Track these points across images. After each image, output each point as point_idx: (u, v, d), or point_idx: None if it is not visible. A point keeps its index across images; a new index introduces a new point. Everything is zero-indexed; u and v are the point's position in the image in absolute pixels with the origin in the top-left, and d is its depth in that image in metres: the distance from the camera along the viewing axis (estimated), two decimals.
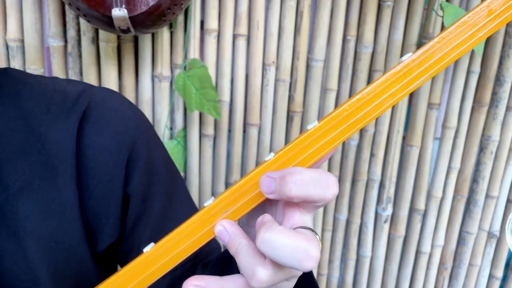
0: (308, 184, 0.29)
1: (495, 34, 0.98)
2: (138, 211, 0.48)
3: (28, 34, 0.81)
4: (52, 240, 0.43)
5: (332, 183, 0.29)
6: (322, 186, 0.29)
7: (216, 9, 0.87)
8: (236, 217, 0.31)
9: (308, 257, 0.27)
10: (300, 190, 0.29)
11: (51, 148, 0.43)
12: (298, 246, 0.27)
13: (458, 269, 1.18)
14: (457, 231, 1.15)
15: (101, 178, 0.45)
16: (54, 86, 0.46)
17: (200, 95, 0.86)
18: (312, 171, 0.29)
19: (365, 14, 0.93)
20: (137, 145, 0.47)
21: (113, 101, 0.48)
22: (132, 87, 0.89)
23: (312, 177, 0.29)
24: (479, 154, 1.08)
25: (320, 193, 0.29)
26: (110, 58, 0.85)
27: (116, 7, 0.70)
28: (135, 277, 0.31)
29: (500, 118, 1.04)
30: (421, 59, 0.28)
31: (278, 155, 0.30)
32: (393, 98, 0.29)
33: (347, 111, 0.29)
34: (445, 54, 0.28)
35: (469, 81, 1.01)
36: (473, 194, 1.11)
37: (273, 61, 0.93)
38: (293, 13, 0.90)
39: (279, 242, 0.27)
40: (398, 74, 0.28)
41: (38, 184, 0.42)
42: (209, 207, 0.31)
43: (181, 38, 0.87)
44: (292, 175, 0.29)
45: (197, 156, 0.95)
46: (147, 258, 0.31)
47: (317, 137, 0.30)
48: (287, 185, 0.29)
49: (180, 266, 0.49)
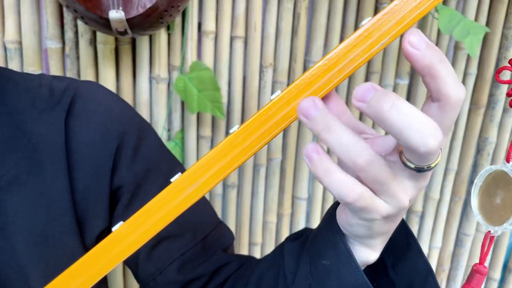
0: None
1: (491, 36, 0.98)
2: (131, 198, 0.48)
3: (26, 36, 0.81)
4: (41, 235, 0.43)
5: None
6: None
7: (214, 11, 0.88)
8: (203, 191, 0.31)
9: (434, 135, 0.25)
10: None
11: (37, 142, 0.43)
12: (428, 122, 0.25)
13: (455, 271, 1.18)
14: (454, 233, 1.15)
15: (86, 170, 0.45)
16: (40, 82, 0.47)
17: (203, 96, 0.86)
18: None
19: (362, 16, 0.93)
20: (126, 135, 0.47)
21: (97, 94, 0.48)
22: (129, 89, 0.89)
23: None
24: (476, 156, 1.09)
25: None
26: (108, 60, 0.85)
27: (113, 9, 0.70)
28: (106, 256, 0.31)
29: (497, 120, 1.04)
30: (380, 22, 0.28)
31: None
32: (355, 62, 0.29)
33: (309, 78, 0.29)
34: (404, 16, 0.28)
35: (466, 83, 1.02)
36: (470, 195, 1.11)
37: (271, 62, 0.93)
38: (290, 15, 0.91)
39: (411, 111, 0.25)
40: (359, 38, 0.28)
41: (25, 178, 0.42)
42: (175, 182, 0.31)
43: (179, 40, 0.87)
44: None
45: (195, 157, 0.95)
46: (116, 236, 0.31)
47: (279, 107, 0.29)
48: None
49: (189, 249, 0.50)
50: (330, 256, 0.33)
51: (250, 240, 1.05)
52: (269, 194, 1.02)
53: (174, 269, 0.49)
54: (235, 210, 1.03)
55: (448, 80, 0.26)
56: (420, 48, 0.26)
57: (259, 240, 1.05)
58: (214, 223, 0.53)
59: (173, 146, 0.93)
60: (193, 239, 0.50)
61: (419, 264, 0.35)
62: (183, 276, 0.49)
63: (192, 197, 0.31)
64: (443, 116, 0.27)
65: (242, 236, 1.04)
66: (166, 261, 0.49)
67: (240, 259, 0.51)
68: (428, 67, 0.26)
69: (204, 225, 0.52)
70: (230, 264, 0.51)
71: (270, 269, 0.41)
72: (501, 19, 0.98)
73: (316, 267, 0.34)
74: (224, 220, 1.02)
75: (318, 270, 0.34)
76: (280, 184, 1.02)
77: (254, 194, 1.02)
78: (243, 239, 1.04)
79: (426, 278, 0.35)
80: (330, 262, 0.33)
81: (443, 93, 0.26)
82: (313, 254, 0.35)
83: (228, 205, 1.02)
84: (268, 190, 1.02)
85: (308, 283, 0.34)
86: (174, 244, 0.49)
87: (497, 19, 0.98)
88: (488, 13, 0.98)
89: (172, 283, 0.49)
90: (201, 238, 0.51)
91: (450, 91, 0.26)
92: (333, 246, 0.33)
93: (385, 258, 0.37)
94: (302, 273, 0.35)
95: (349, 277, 0.32)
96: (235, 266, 0.51)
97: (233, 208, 1.02)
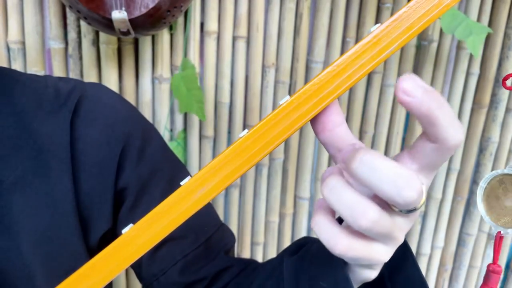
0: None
1: (494, 36, 0.98)
2: (136, 200, 0.48)
3: (29, 36, 0.81)
4: (46, 235, 0.43)
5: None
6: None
7: (216, 11, 0.88)
8: (212, 195, 0.31)
9: (409, 186, 0.24)
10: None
11: (43, 143, 0.43)
12: (400, 173, 0.25)
13: (458, 271, 1.18)
14: (457, 233, 1.15)
15: (91, 171, 0.45)
16: (46, 83, 0.47)
17: (190, 96, 0.86)
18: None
19: (364, 16, 0.93)
20: (131, 137, 0.48)
21: (103, 95, 0.48)
22: (132, 89, 0.89)
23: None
24: (479, 155, 1.08)
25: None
26: (110, 60, 0.85)
27: (116, 9, 0.70)
28: (115, 259, 0.31)
29: (499, 120, 1.04)
30: (389, 28, 0.28)
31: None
32: (363, 68, 0.28)
33: (317, 84, 0.29)
34: (413, 23, 0.28)
35: (468, 83, 1.02)
36: (473, 195, 1.11)
37: (273, 62, 0.93)
38: (293, 15, 0.91)
39: (380, 164, 0.25)
40: (367, 44, 0.28)
41: (31, 179, 0.42)
42: (185, 186, 0.31)
43: (181, 40, 0.88)
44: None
45: (197, 158, 0.96)
46: (126, 239, 0.31)
47: (288, 112, 0.29)
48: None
49: (192, 251, 0.50)
50: (328, 280, 0.33)
51: (253, 240, 1.05)
52: (272, 194, 1.02)
53: (177, 270, 0.49)
54: (238, 210, 1.03)
55: (448, 126, 0.25)
56: (416, 95, 0.24)
57: (261, 240, 1.05)
58: (217, 225, 0.53)
59: (176, 146, 0.93)
60: (196, 241, 0.50)
61: (415, 277, 0.35)
62: (186, 277, 0.49)
63: (201, 201, 0.31)
64: (438, 157, 0.27)
65: (244, 236, 1.04)
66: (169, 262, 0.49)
67: (242, 263, 0.52)
68: (426, 114, 0.25)
69: (207, 227, 0.52)
70: (231, 268, 0.51)
71: (269, 278, 0.41)
72: (503, 19, 0.98)
73: None
74: (227, 220, 1.02)
75: None
76: (283, 184, 1.02)
77: (257, 194, 1.02)
78: (245, 239, 1.04)
79: None
80: (328, 286, 0.33)
81: (441, 138, 0.26)
82: (312, 275, 0.35)
83: (230, 205, 1.02)
84: (271, 190, 1.02)
85: None
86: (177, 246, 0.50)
87: (499, 19, 0.97)
88: (491, 13, 0.97)
89: (175, 284, 0.50)
90: (203, 240, 0.51)
91: (449, 137, 0.25)
92: (331, 270, 0.33)
93: (382, 270, 0.37)
94: None
95: None
96: (237, 270, 0.51)
97: (235, 208, 1.02)
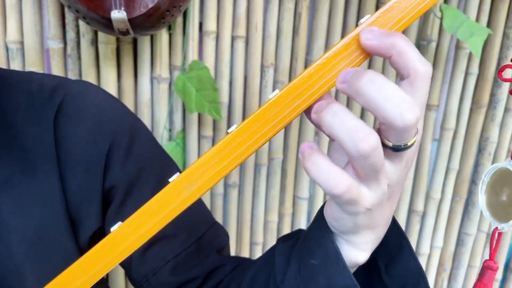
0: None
1: (493, 36, 0.98)
2: (124, 198, 0.47)
3: (28, 36, 0.81)
4: (36, 236, 0.42)
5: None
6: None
7: (215, 11, 0.88)
8: (202, 192, 0.30)
9: (411, 109, 0.25)
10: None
11: (28, 143, 0.43)
12: (405, 97, 0.26)
13: (457, 270, 1.18)
14: (456, 233, 1.15)
15: (79, 170, 0.45)
16: (30, 78, 0.46)
17: (200, 96, 0.86)
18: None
19: (363, 15, 0.93)
20: (118, 134, 0.47)
21: (90, 93, 0.48)
22: (131, 89, 0.89)
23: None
24: (478, 155, 1.09)
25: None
26: (109, 60, 0.85)
27: (115, 9, 0.70)
28: (104, 257, 0.31)
29: (498, 120, 1.04)
30: (379, 20, 0.28)
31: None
32: (354, 61, 0.29)
33: (307, 78, 0.29)
34: (404, 15, 0.28)
35: (467, 83, 1.02)
36: (471, 195, 1.11)
37: (272, 62, 0.93)
38: (291, 14, 0.91)
39: (387, 85, 0.26)
40: (357, 37, 0.28)
41: (19, 179, 0.42)
42: (173, 182, 0.30)
43: (180, 40, 0.87)
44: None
45: (196, 157, 0.96)
46: (115, 237, 0.31)
47: (277, 107, 0.29)
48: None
49: (183, 250, 0.49)
50: (318, 255, 0.33)
51: (252, 240, 1.05)
52: (270, 194, 1.02)
53: (168, 270, 0.48)
54: (236, 209, 1.03)
55: (414, 55, 0.27)
56: (375, 35, 0.27)
57: (260, 239, 1.05)
58: (209, 223, 0.52)
59: (174, 146, 0.93)
60: (187, 240, 0.50)
61: (411, 266, 0.35)
62: (177, 278, 0.49)
63: (191, 197, 0.30)
64: (415, 91, 0.28)
65: (243, 236, 1.04)
66: (159, 262, 0.49)
67: (235, 260, 0.51)
68: (392, 45, 0.27)
69: (199, 225, 0.51)
70: (224, 266, 0.50)
71: (262, 269, 0.41)
72: (502, 19, 0.98)
73: (305, 267, 0.34)
74: (225, 220, 1.02)
75: (307, 269, 0.34)
76: (281, 183, 1.02)
77: (255, 194, 1.02)
78: (244, 238, 1.04)
79: (418, 281, 0.35)
80: (318, 262, 0.33)
81: (411, 67, 0.27)
82: (302, 253, 0.35)
83: (229, 204, 1.02)
84: (269, 189, 1.02)
85: (297, 282, 0.34)
86: (168, 245, 0.49)
87: (498, 19, 0.98)
88: (490, 12, 0.98)
89: (166, 285, 0.49)
90: (195, 239, 0.50)
91: (418, 64, 0.27)
92: (321, 245, 0.33)
93: (378, 262, 0.37)
94: (291, 273, 0.35)
95: (337, 277, 0.32)
96: (230, 268, 0.50)
97: (234, 208, 1.02)
